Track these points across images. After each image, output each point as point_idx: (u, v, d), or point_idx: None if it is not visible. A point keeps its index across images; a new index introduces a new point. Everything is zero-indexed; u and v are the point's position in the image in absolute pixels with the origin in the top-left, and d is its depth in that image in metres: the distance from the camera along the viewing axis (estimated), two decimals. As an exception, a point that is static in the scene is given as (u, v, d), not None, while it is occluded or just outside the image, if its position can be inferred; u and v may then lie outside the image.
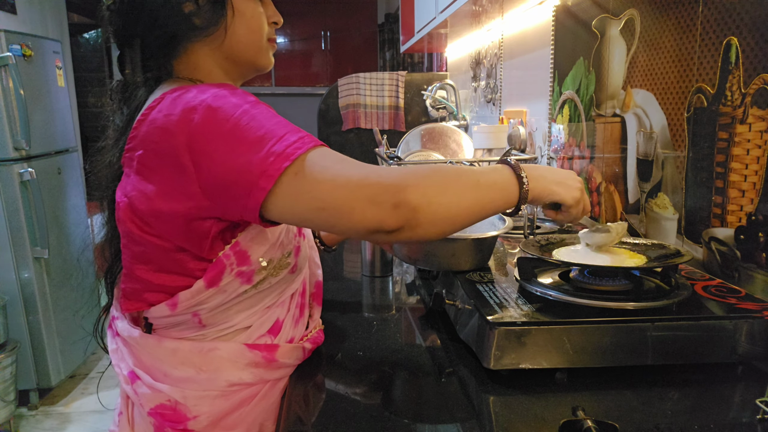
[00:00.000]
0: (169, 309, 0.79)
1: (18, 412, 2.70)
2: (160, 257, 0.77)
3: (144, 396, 0.81)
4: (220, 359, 0.81)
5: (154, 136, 0.71)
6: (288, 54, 7.07)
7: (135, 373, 0.83)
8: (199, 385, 0.80)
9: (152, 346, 0.82)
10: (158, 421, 0.81)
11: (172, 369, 0.81)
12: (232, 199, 0.68)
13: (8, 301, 2.63)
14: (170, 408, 0.80)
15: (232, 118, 0.67)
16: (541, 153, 1.85)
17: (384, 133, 2.48)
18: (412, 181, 0.65)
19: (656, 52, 1.19)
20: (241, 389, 0.83)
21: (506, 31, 2.21)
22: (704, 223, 1.06)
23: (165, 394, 0.80)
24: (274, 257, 0.81)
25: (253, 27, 0.84)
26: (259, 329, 0.84)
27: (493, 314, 0.81)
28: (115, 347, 0.87)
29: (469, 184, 0.70)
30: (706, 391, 0.77)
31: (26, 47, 2.74)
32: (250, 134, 0.66)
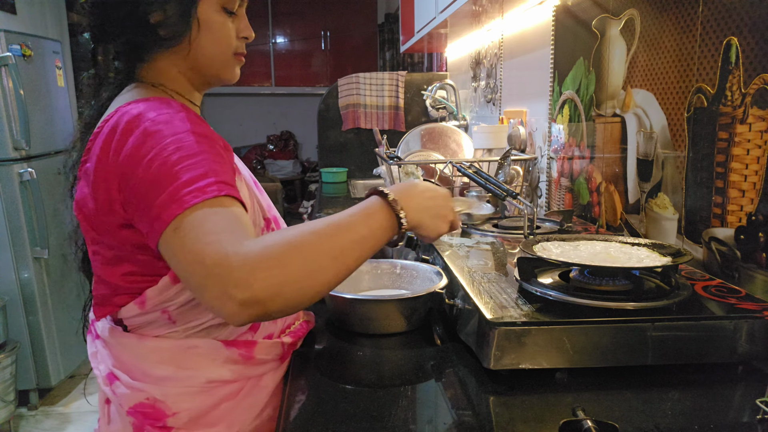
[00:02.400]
0: (138, 307, 0.79)
1: (18, 412, 2.70)
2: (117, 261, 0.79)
3: (123, 396, 0.82)
4: (199, 356, 0.81)
5: (96, 151, 0.74)
6: (288, 54, 7.07)
7: (114, 374, 0.83)
8: (179, 382, 0.81)
9: (133, 345, 0.82)
10: (138, 419, 0.81)
11: (152, 367, 0.81)
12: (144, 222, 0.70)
13: (8, 301, 2.63)
14: (149, 406, 0.80)
15: (162, 152, 0.68)
16: (541, 153, 1.85)
17: (384, 133, 2.48)
18: (262, 274, 0.60)
19: (656, 52, 1.19)
20: (221, 386, 0.83)
21: (506, 31, 2.21)
22: (704, 223, 1.06)
23: (144, 392, 0.80)
24: None
25: (218, 41, 0.84)
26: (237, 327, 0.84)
27: (493, 314, 0.81)
28: (94, 350, 0.88)
29: (333, 253, 0.66)
30: (706, 391, 0.77)
31: (26, 47, 2.74)
32: (169, 172, 0.67)
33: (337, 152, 3.30)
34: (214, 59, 0.85)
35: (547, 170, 1.81)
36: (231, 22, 0.85)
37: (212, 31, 0.83)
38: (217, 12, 0.83)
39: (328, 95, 3.27)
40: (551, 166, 1.77)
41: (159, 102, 0.76)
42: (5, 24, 3.60)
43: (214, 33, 0.83)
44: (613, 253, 0.95)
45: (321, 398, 0.79)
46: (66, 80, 3.19)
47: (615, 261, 0.91)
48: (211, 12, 0.82)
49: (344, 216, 0.70)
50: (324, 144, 3.32)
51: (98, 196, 0.74)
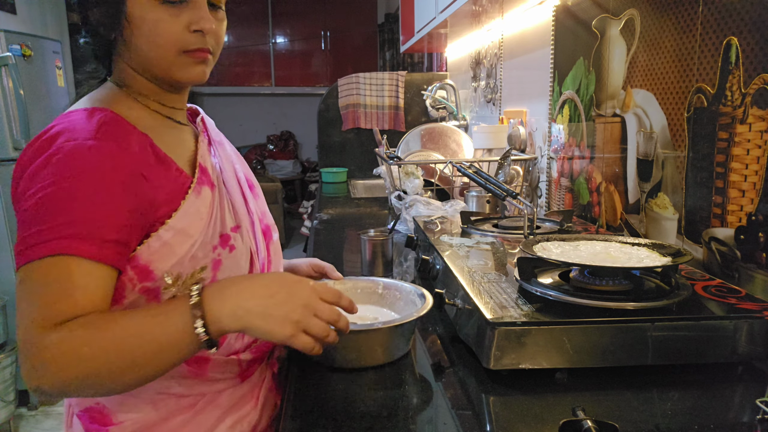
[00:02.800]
0: None
1: (18, 412, 2.70)
2: None
3: (76, 398, 0.82)
4: None
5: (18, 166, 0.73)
6: (288, 54, 7.07)
7: None
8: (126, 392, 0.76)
9: None
10: (84, 423, 0.80)
11: None
12: None
13: (8, 301, 2.63)
14: (98, 411, 0.80)
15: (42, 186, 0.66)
16: (541, 153, 1.85)
17: (384, 133, 2.48)
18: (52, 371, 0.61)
19: (656, 52, 1.19)
20: (169, 398, 0.80)
21: (506, 31, 2.21)
22: (704, 223, 1.06)
23: (94, 398, 0.80)
24: (183, 272, 0.75)
25: (154, 41, 0.76)
26: None
27: (493, 314, 0.81)
28: None
29: (127, 364, 0.63)
30: (706, 391, 0.77)
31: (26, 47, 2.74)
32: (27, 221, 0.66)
33: (337, 152, 3.30)
34: (154, 60, 0.77)
35: (547, 170, 1.81)
36: (175, 15, 0.75)
37: (144, 29, 0.75)
38: (152, 6, 0.74)
39: (328, 95, 3.28)
40: (551, 166, 1.77)
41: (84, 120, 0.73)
42: (5, 24, 3.60)
43: (148, 32, 0.75)
44: (613, 253, 0.95)
45: (321, 398, 0.79)
46: (66, 80, 3.19)
47: (615, 261, 0.91)
48: (143, 8, 0.74)
49: (149, 321, 0.65)
50: (324, 144, 3.32)
51: None
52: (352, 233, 1.88)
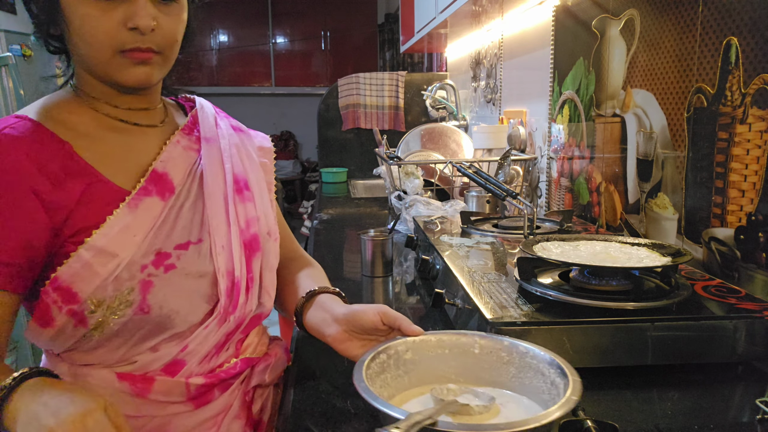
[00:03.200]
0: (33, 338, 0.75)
1: (18, 412, 2.70)
2: None
3: None
4: (90, 385, 0.74)
5: None
6: (288, 54, 7.07)
7: None
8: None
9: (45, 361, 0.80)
10: None
11: None
12: None
13: (8, 301, 2.63)
14: None
15: None
16: (541, 153, 1.85)
17: (384, 133, 2.48)
18: None
19: (656, 52, 1.19)
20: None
21: (506, 31, 2.21)
22: (704, 223, 1.06)
23: None
24: (106, 296, 0.70)
25: (85, 37, 0.69)
26: (150, 365, 0.76)
27: (493, 314, 0.81)
28: None
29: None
30: (706, 391, 0.77)
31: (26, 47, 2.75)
32: None
33: (337, 152, 3.30)
34: (92, 59, 0.71)
35: (547, 170, 1.81)
36: (109, 10, 0.68)
37: (75, 25, 0.69)
38: (84, 2, 0.68)
39: (328, 95, 3.28)
40: (551, 166, 1.77)
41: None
42: (5, 24, 3.60)
43: (79, 27, 0.69)
44: (613, 253, 0.95)
45: (321, 398, 0.79)
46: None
47: (615, 261, 0.91)
48: (76, 2, 0.68)
49: None
50: (324, 144, 3.32)
51: None
52: (352, 233, 1.88)
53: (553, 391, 0.64)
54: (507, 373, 0.70)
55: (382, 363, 0.69)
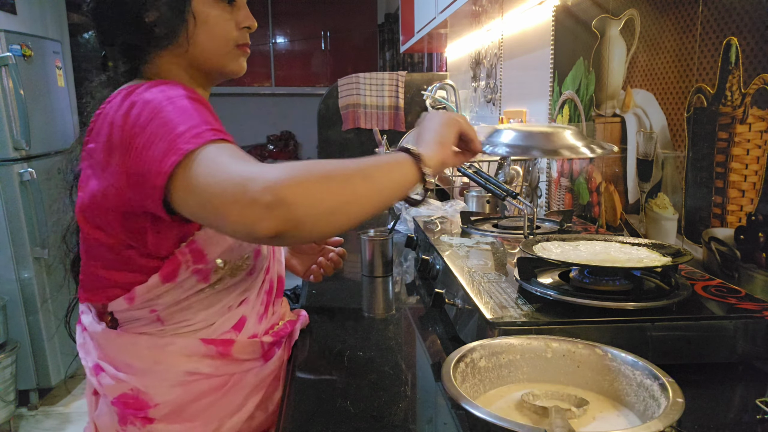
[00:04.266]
0: (127, 303, 0.81)
1: (18, 412, 2.70)
2: (106, 254, 0.79)
3: (108, 386, 0.83)
4: (175, 354, 0.82)
5: (103, 128, 0.74)
6: (288, 54, 7.07)
7: (99, 365, 0.84)
8: (158, 375, 0.82)
9: (113, 340, 0.84)
10: (121, 409, 0.82)
11: (133, 360, 0.83)
12: (144, 190, 0.69)
13: (8, 301, 2.63)
14: (132, 397, 0.82)
15: (158, 115, 0.69)
16: (541, 153, 1.85)
17: (384, 134, 2.48)
18: (289, 178, 0.60)
19: (656, 52, 1.19)
20: (200, 379, 0.83)
21: (506, 31, 2.21)
22: (704, 223, 1.06)
23: (127, 383, 0.82)
24: (231, 258, 0.83)
25: (215, 34, 0.83)
26: (223, 326, 0.86)
27: (493, 314, 0.81)
28: (82, 341, 0.89)
29: (359, 174, 0.67)
30: (706, 391, 0.77)
31: (26, 47, 2.74)
32: (165, 130, 0.67)
33: (337, 152, 3.30)
34: (213, 53, 0.84)
35: (547, 170, 1.81)
36: (230, 12, 0.83)
37: (209, 24, 0.82)
38: (212, 4, 0.82)
39: (328, 95, 3.28)
40: (551, 166, 1.77)
41: (154, 81, 0.77)
42: (5, 24, 3.60)
43: (211, 26, 0.82)
44: (613, 253, 0.95)
45: (321, 398, 0.79)
46: (66, 80, 3.19)
47: (615, 261, 0.91)
48: (206, 4, 0.81)
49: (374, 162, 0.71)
50: (324, 144, 3.32)
51: (105, 176, 0.74)
52: (352, 233, 1.88)
53: (642, 393, 0.64)
54: (583, 376, 0.70)
55: (463, 372, 0.68)
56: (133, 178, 0.70)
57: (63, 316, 0.97)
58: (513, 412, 0.65)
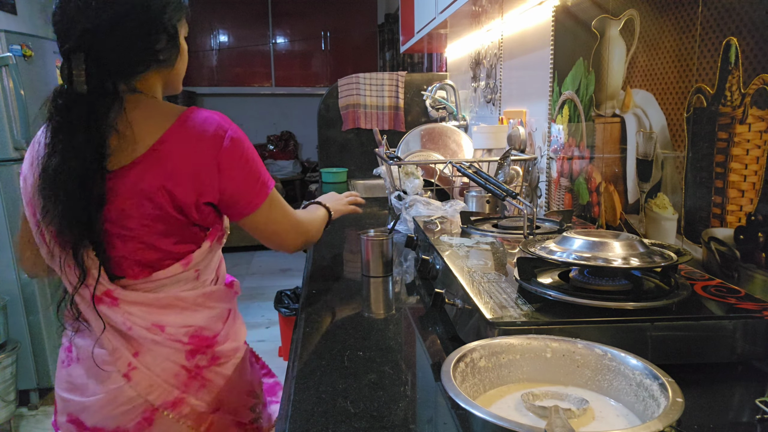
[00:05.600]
0: (182, 267, 1.04)
1: (18, 412, 2.70)
2: (181, 231, 1.02)
3: (175, 334, 1.04)
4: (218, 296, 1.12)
5: (189, 143, 0.98)
6: (288, 54, 7.07)
7: (158, 324, 1.02)
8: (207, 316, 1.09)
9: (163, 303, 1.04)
10: (194, 344, 1.05)
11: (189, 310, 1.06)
12: (235, 207, 1.05)
13: (8, 301, 2.63)
14: (197, 335, 1.06)
15: (247, 153, 1.03)
16: (540, 153, 1.85)
17: (384, 134, 2.48)
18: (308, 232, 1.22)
19: (656, 52, 1.19)
20: (227, 312, 1.15)
21: (506, 31, 2.21)
22: (704, 223, 1.06)
23: (193, 326, 1.06)
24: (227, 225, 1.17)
25: (184, 61, 1.11)
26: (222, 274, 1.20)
27: (493, 314, 0.81)
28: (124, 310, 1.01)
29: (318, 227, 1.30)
30: (706, 391, 0.77)
31: (26, 47, 2.75)
32: (255, 169, 1.05)
33: (337, 152, 3.30)
34: (180, 75, 1.12)
35: (546, 170, 1.81)
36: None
37: (183, 55, 1.09)
38: (184, 40, 1.09)
39: (328, 95, 3.28)
40: (551, 166, 1.77)
41: (218, 114, 1.04)
42: (5, 24, 3.60)
43: (184, 56, 1.10)
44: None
45: (321, 398, 0.79)
46: (66, 80, 3.19)
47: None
48: (182, 40, 1.08)
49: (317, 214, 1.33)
50: (324, 144, 3.33)
51: (181, 180, 0.97)
52: (352, 233, 1.88)
53: (642, 393, 0.64)
54: (582, 375, 0.70)
55: (462, 372, 0.68)
56: (227, 195, 1.02)
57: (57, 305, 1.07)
58: (513, 412, 0.65)
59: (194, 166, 0.97)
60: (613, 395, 0.67)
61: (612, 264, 0.84)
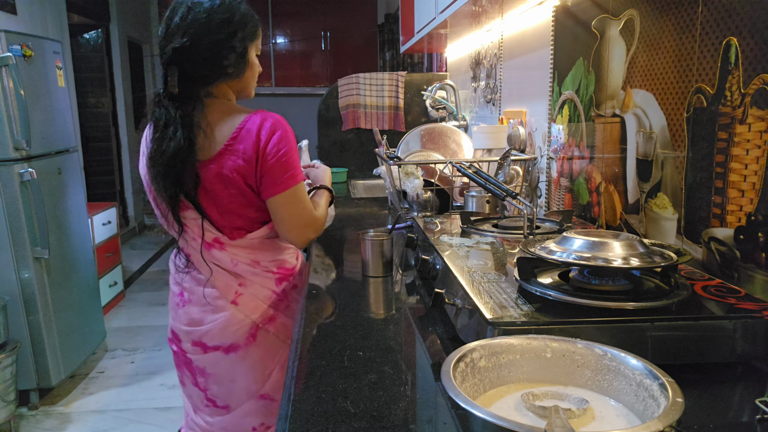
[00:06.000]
0: (268, 229, 1.35)
1: (18, 412, 2.70)
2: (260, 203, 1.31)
3: (268, 266, 1.37)
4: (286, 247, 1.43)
5: (249, 138, 1.25)
6: (288, 54, 7.07)
7: (255, 260, 1.35)
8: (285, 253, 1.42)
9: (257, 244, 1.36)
10: (281, 273, 1.39)
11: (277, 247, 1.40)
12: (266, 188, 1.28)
13: (8, 301, 2.63)
14: (282, 267, 1.39)
15: (290, 143, 1.28)
16: (540, 153, 1.85)
17: (384, 134, 2.48)
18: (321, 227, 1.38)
19: (656, 52, 1.19)
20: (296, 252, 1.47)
21: (506, 31, 2.21)
22: (704, 223, 1.06)
23: (279, 259, 1.39)
24: None
25: (254, 74, 1.37)
26: None
27: (493, 314, 0.81)
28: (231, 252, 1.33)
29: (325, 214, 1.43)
30: (706, 391, 0.77)
31: (26, 47, 2.74)
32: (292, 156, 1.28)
33: (337, 152, 3.30)
34: (250, 86, 1.38)
35: (546, 170, 1.81)
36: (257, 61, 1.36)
37: (253, 69, 1.35)
38: (254, 55, 1.34)
39: (328, 95, 3.28)
40: (551, 166, 1.77)
41: (272, 115, 1.28)
42: (5, 24, 3.60)
43: (254, 70, 1.35)
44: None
45: (321, 398, 0.79)
46: (66, 80, 3.19)
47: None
48: (253, 55, 1.33)
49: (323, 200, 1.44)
50: (324, 144, 3.33)
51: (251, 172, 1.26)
52: (352, 233, 1.88)
53: (642, 393, 0.64)
54: (582, 375, 0.70)
55: (462, 372, 0.68)
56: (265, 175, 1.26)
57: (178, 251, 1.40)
58: (513, 412, 0.65)
59: (251, 154, 1.24)
60: (613, 395, 0.67)
61: (612, 264, 0.84)
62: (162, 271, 5.02)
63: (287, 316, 1.39)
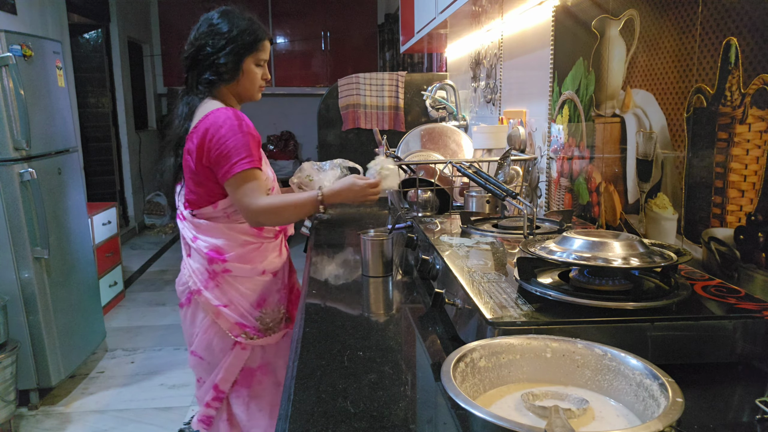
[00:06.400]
0: (213, 208, 1.56)
1: (18, 412, 2.70)
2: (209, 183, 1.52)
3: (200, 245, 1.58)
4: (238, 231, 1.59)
5: (203, 126, 1.49)
6: (288, 54, 7.07)
7: (195, 237, 1.59)
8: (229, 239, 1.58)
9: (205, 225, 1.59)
10: (211, 255, 1.57)
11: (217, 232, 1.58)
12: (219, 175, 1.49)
13: (8, 301, 2.63)
14: (216, 250, 1.58)
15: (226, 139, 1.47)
16: (540, 153, 1.85)
17: (384, 134, 2.48)
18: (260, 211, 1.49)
19: (656, 52, 1.19)
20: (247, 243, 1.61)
21: (506, 31, 2.21)
22: (704, 223, 1.06)
23: (213, 243, 1.57)
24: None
25: (251, 81, 1.60)
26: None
27: (493, 314, 0.81)
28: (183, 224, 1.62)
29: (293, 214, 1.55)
30: (706, 391, 0.77)
31: (26, 47, 2.74)
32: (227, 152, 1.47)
33: (337, 152, 3.30)
34: (248, 90, 1.61)
35: (546, 170, 1.81)
36: (260, 69, 1.60)
37: (249, 76, 1.58)
38: (252, 65, 1.57)
39: (328, 95, 3.28)
40: (551, 166, 1.77)
41: (230, 112, 1.49)
42: (5, 24, 3.60)
43: (251, 77, 1.59)
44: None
45: (321, 398, 0.79)
46: (66, 80, 3.19)
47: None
48: (249, 65, 1.57)
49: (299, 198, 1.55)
50: (324, 144, 3.33)
51: (198, 158, 1.49)
52: (352, 233, 1.88)
53: (642, 393, 0.64)
54: (582, 375, 0.70)
55: (462, 372, 0.68)
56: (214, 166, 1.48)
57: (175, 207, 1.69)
58: (513, 412, 0.65)
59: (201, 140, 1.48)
60: (613, 395, 0.67)
61: (612, 264, 0.84)
62: (162, 271, 5.02)
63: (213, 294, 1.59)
